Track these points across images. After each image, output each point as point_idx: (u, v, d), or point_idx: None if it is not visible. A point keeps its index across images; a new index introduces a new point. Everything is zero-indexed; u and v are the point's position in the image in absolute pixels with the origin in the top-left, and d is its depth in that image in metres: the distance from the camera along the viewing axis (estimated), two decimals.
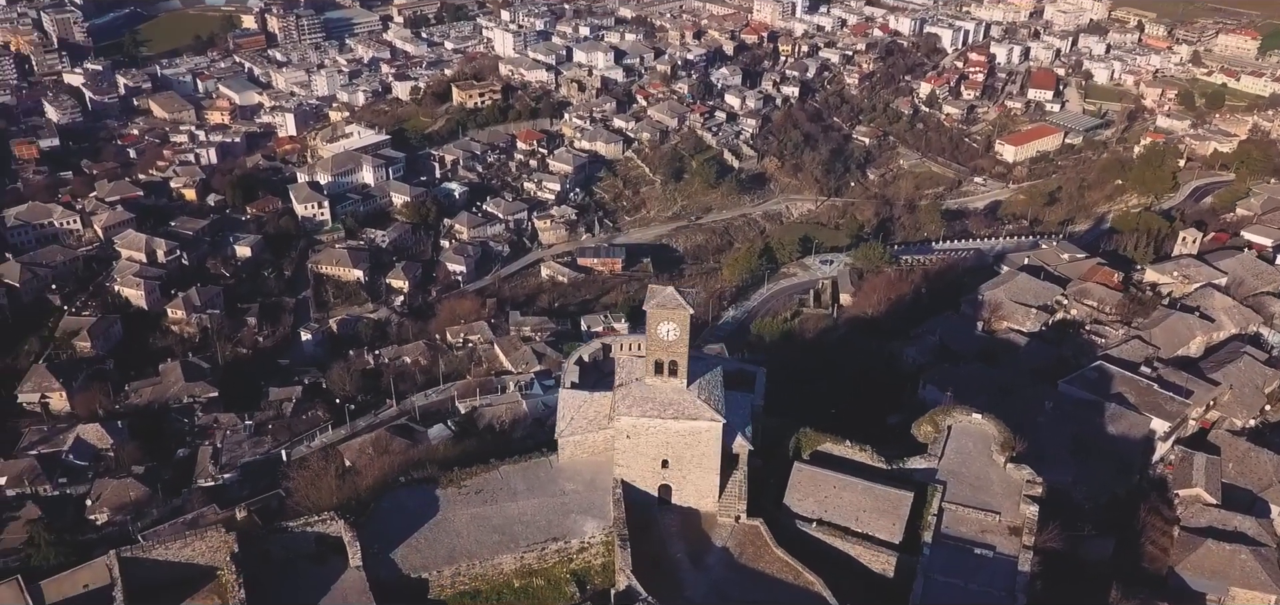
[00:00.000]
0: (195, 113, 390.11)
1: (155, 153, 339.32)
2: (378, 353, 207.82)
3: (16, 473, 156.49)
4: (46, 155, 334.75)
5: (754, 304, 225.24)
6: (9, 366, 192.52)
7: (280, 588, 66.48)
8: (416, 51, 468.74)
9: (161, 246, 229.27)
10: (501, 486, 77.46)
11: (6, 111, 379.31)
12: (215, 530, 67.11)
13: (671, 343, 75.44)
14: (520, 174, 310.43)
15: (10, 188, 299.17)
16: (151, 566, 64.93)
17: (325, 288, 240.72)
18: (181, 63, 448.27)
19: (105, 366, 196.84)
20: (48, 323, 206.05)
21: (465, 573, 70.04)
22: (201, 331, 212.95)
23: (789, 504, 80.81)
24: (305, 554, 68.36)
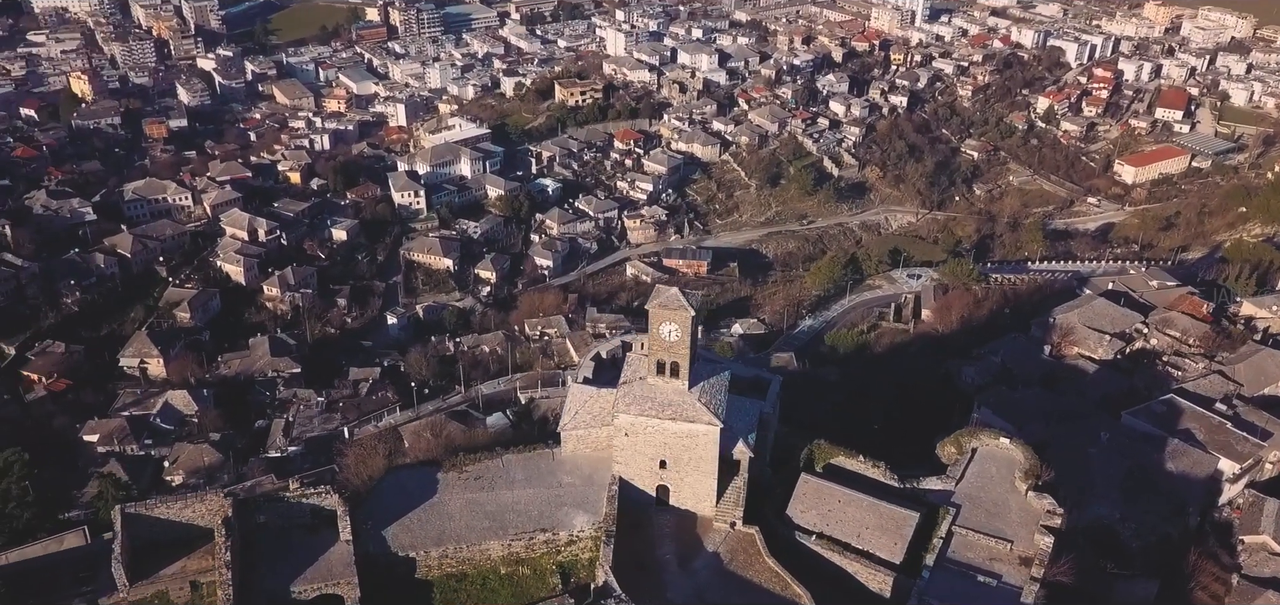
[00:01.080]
0: (314, 100, 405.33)
1: (273, 137, 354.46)
2: (458, 340, 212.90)
3: (108, 431, 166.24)
4: (174, 135, 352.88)
5: (833, 314, 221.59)
6: (115, 332, 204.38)
7: (272, 554, 69.03)
8: (530, 48, 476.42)
9: (263, 226, 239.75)
10: (501, 474, 78.57)
11: (143, 92, 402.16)
12: (214, 494, 70.25)
13: (673, 343, 75.22)
14: (614, 173, 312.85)
15: (139, 164, 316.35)
16: (153, 524, 68.38)
17: (415, 274, 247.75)
18: (306, 52, 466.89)
19: (201, 337, 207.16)
20: (154, 292, 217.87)
21: (453, 556, 71.38)
22: (293, 309, 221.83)
23: (791, 515, 79.57)
24: (300, 524, 70.77)
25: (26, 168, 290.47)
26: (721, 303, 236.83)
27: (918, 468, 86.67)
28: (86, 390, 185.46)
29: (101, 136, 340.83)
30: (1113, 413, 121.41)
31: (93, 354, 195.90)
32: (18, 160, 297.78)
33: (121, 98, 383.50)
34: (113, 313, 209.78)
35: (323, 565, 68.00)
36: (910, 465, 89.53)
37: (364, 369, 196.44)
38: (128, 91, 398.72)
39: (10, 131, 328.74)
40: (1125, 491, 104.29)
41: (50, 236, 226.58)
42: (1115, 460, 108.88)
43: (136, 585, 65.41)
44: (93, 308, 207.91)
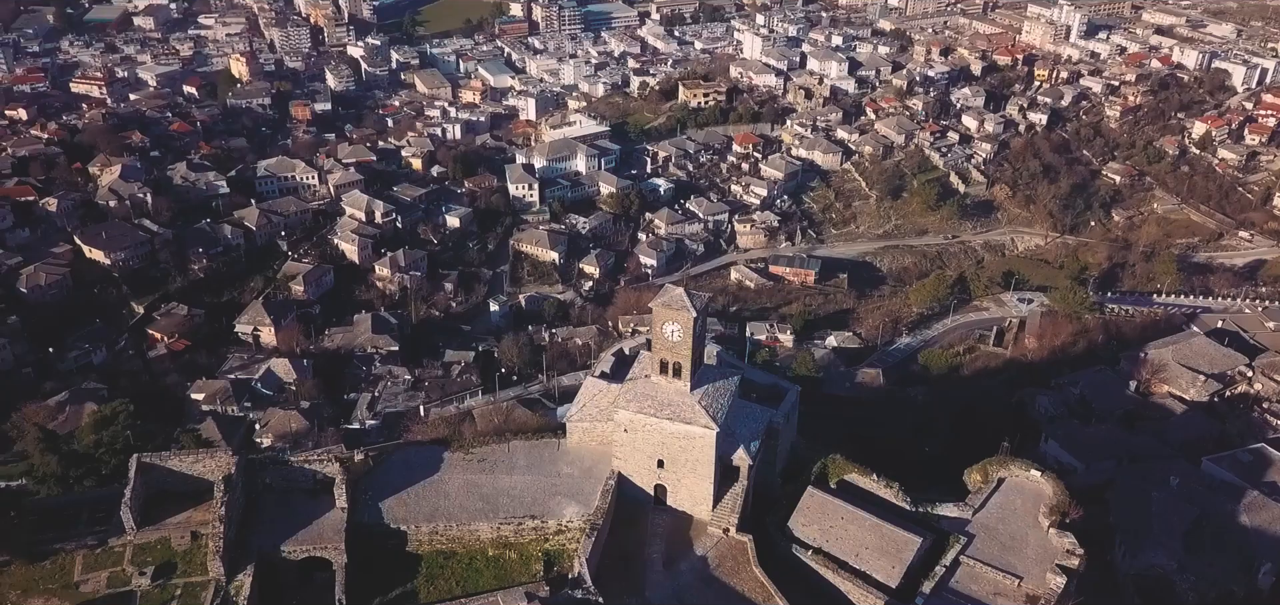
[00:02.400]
0: (451, 90, 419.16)
1: (408, 124, 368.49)
2: (553, 331, 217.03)
3: (212, 392, 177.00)
4: (317, 117, 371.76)
5: (934, 333, 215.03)
6: (234, 299, 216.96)
7: (272, 514, 72.41)
8: (665, 49, 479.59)
9: (380, 208, 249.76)
10: (504, 459, 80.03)
11: (294, 76, 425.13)
12: (223, 452, 74.24)
13: (676, 343, 75.22)
14: (730, 176, 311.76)
15: (281, 143, 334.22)
16: (167, 474, 72.78)
17: (522, 265, 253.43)
18: (448, 43, 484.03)
19: (312, 310, 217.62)
20: (273, 265, 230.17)
21: (443, 533, 73.20)
22: (401, 290, 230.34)
23: (793, 527, 78.17)
24: (304, 488, 73.98)
25: (179, 141, 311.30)
26: (820, 313, 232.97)
27: (934, 492, 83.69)
28: (201, 352, 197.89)
29: (251, 115, 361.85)
30: (1192, 458, 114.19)
31: (212, 318, 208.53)
32: (173, 134, 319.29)
33: (274, 80, 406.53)
34: (234, 281, 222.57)
35: (315, 529, 70.93)
36: (940, 490, 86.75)
37: (459, 352, 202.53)
38: (281, 75, 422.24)
39: (171, 106, 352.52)
40: (1189, 542, 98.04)
41: (186, 206, 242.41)
42: (1182, 507, 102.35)
43: (143, 530, 69.81)
44: (217, 275, 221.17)
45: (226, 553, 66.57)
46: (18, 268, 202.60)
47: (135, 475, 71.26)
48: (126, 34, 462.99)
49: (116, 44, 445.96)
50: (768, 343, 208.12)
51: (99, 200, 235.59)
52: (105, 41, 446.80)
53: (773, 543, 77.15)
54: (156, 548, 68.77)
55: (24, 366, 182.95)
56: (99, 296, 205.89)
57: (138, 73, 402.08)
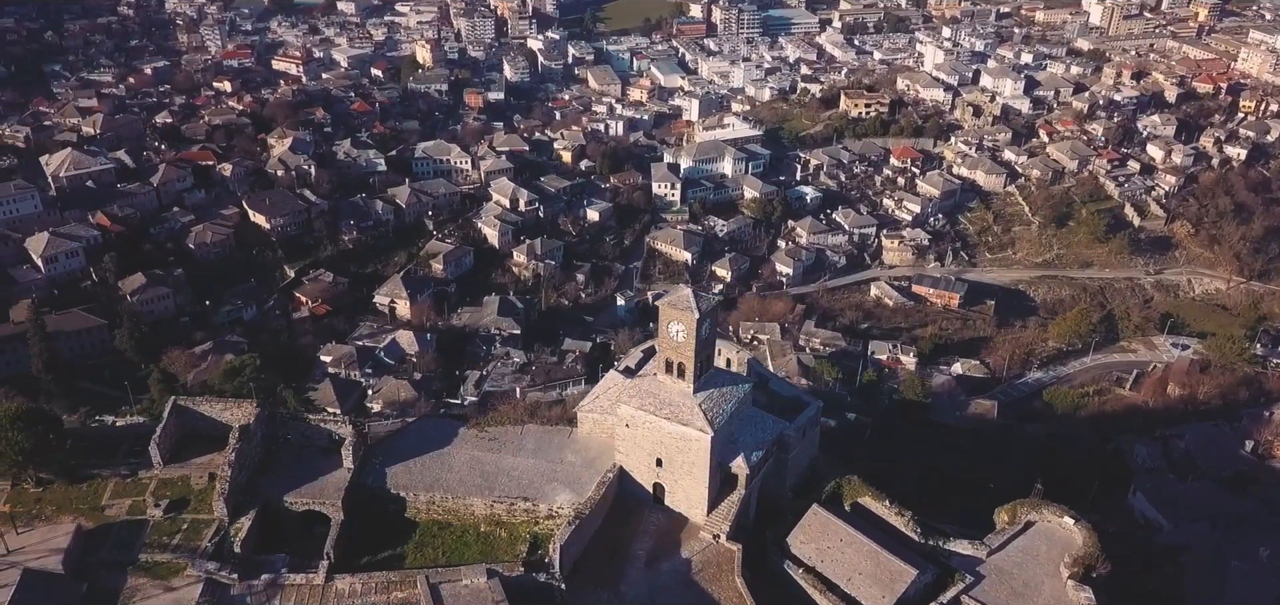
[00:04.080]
0: (620, 87, 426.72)
1: (574, 118, 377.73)
2: None
3: (339, 356, 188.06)
4: (489, 106, 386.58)
5: (1069, 371, 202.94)
6: (377, 272, 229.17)
7: (286, 467, 77.18)
8: (842, 57, 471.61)
9: (524, 197, 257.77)
10: (513, 441, 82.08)
11: (474, 65, 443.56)
12: (249, 403, 79.59)
13: (680, 344, 75.21)
14: (883, 189, 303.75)
15: (451, 129, 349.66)
16: (198, 418, 78.81)
17: (655, 263, 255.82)
18: (624, 41, 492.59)
19: (448, 289, 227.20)
20: (418, 242, 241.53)
21: (439, 504, 76.01)
22: (534, 277, 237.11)
23: (790, 543, 76.64)
24: (319, 446, 78.41)
25: (357, 120, 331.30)
26: (954, 339, 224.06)
27: (951, 527, 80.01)
28: (340, 318, 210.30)
29: (428, 100, 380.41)
30: None
31: (354, 287, 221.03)
32: (353, 113, 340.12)
33: (454, 68, 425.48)
34: (380, 254, 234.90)
35: (319, 485, 75.10)
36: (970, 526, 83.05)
37: (577, 342, 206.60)
38: (461, 63, 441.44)
39: (355, 87, 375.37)
40: None
41: (346, 180, 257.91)
42: (1266, 583, 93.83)
43: (169, 466, 75.95)
44: (364, 247, 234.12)
45: (232, 496, 71.45)
46: (190, 225, 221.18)
47: (169, 416, 77.59)
48: (329, 17, 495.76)
49: (319, 26, 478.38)
50: (888, 363, 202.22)
51: (269, 169, 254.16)
52: (309, 23, 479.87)
53: (765, 555, 75.98)
54: (177, 484, 74.63)
55: (183, 315, 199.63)
56: (256, 258, 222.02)
57: (332, 54, 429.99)
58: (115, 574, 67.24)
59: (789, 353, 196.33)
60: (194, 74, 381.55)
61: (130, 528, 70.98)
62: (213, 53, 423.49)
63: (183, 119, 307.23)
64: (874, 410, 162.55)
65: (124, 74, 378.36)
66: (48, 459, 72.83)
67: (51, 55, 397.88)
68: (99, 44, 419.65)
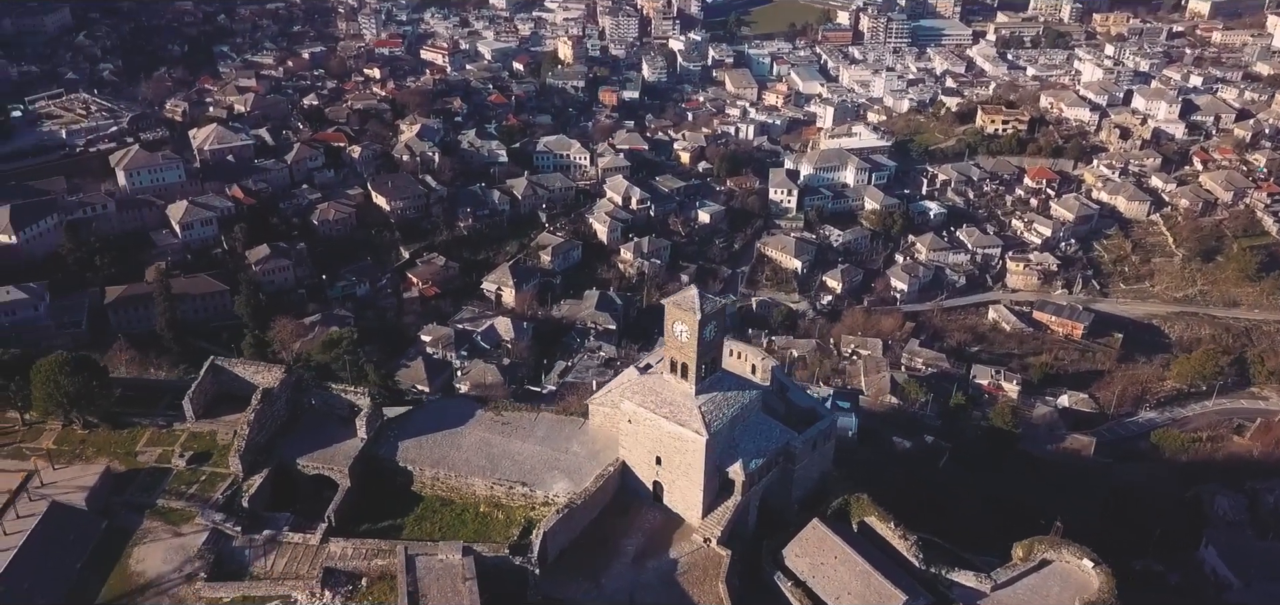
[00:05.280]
0: (756, 91, 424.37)
1: (705, 120, 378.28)
2: (773, 339, 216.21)
3: (437, 336, 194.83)
4: (623, 104, 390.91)
5: (1187, 413, 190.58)
6: (487, 259, 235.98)
7: (306, 431, 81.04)
8: (993, 71, 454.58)
9: (637, 195, 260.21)
10: (524, 427, 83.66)
11: (614, 63, 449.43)
12: (278, 368, 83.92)
13: (684, 344, 75.19)
14: (1014, 209, 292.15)
15: (582, 125, 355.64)
16: (234, 378, 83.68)
17: (763, 269, 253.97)
18: (766, 45, 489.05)
19: (553, 280, 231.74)
20: (530, 233, 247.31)
21: (443, 481, 78.38)
22: (639, 275, 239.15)
23: (785, 554, 75.52)
24: (339, 415, 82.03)
25: (492, 111, 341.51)
26: (1066, 371, 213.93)
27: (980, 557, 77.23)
28: (448, 300, 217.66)
29: (563, 96, 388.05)
30: None
31: (464, 272, 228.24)
32: (489, 104, 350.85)
33: (593, 65, 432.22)
34: (492, 242, 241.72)
35: (332, 452, 78.58)
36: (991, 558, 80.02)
37: None
38: (602, 60, 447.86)
39: (494, 79, 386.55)
40: None
41: (467, 169, 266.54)
42: None
43: (200, 421, 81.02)
44: (478, 235, 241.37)
45: (248, 453, 75.68)
46: (316, 203, 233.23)
47: (205, 374, 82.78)
48: (479, 10, 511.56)
49: (469, 18, 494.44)
50: (988, 389, 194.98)
51: (396, 154, 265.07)
52: (460, 16, 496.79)
53: (757, 565, 75.15)
54: (204, 437, 79.55)
55: (300, 287, 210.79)
56: (375, 238, 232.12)
57: (478, 46, 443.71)
58: (133, 515, 72.30)
59: (883, 370, 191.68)
60: (346, 60, 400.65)
61: (155, 474, 76.09)
62: (367, 40, 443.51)
63: (328, 102, 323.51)
64: (959, 435, 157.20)
65: (284, 57, 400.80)
66: (90, 404, 78.87)
67: (221, 37, 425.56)
68: (265, 28, 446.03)
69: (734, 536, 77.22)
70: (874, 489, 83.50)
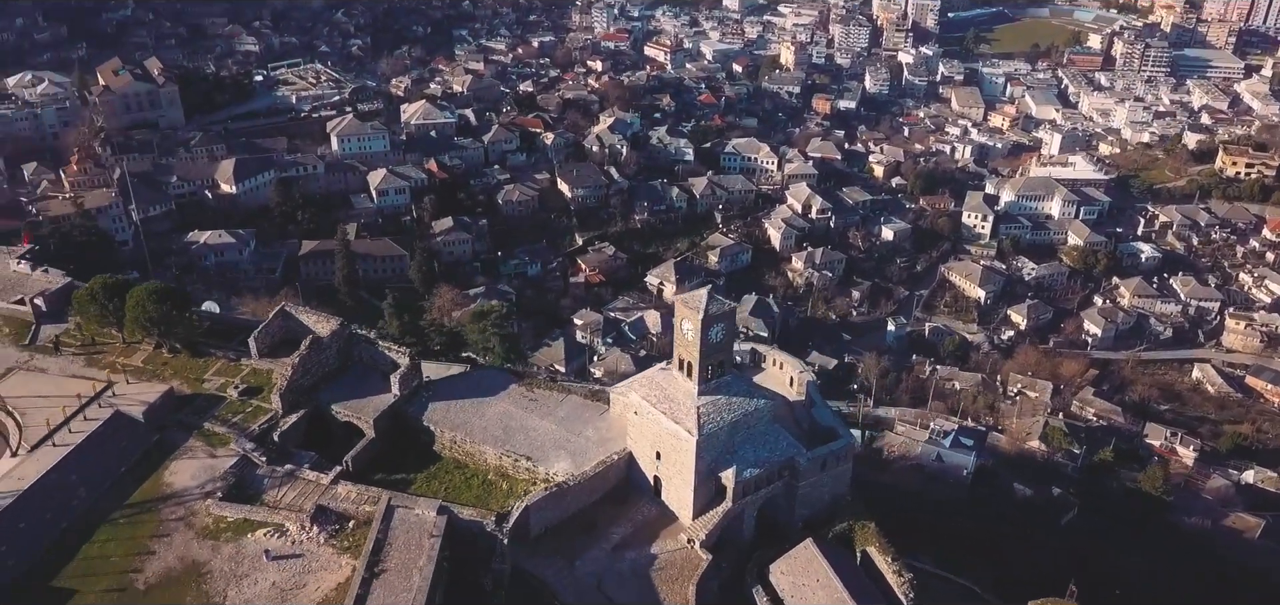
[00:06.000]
0: (983, 111, 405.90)
1: (920, 136, 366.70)
2: (937, 367, 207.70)
3: (588, 322, 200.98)
4: (836, 114, 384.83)
5: None
6: (656, 253, 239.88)
7: (349, 381, 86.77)
8: (1263, 110, 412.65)
9: (818, 204, 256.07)
10: (548, 406, 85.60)
11: (836, 71, 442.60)
12: (335, 320, 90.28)
13: (689, 342, 75.10)
14: (1244, 262, 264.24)
15: (790, 131, 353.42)
16: (299, 325, 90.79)
17: (943, 294, 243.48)
18: (1002, 65, 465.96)
19: (717, 281, 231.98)
20: (703, 232, 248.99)
21: (459, 445, 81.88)
22: (807, 285, 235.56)
23: (771, 569, 73.84)
24: (382, 369, 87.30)
25: (700, 111, 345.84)
26: (1269, 445, 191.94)
27: None
28: (609, 289, 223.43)
29: (775, 101, 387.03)
30: None
31: (631, 264, 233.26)
32: (698, 104, 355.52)
33: (814, 72, 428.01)
34: (664, 238, 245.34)
35: (364, 403, 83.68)
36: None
37: (825, 357, 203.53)
38: (823, 68, 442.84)
39: (709, 79, 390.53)
40: None
41: (652, 164, 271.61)
42: None
43: (263, 359, 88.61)
44: (651, 229, 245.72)
45: (288, 393, 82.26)
46: (504, 183, 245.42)
47: (274, 317, 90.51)
48: (710, 11, 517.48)
49: (698, 18, 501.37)
50: (1160, 451, 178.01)
51: (587, 144, 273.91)
52: (690, 15, 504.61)
53: (741, 575, 73.98)
54: (261, 374, 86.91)
55: (476, 260, 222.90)
56: (552, 223, 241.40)
57: (700, 45, 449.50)
58: (181, 433, 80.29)
59: (1040, 414, 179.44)
60: (572, 51, 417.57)
61: (211, 400, 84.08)
62: (596, 34, 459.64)
63: (542, 90, 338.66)
64: (1098, 493, 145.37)
65: (515, 44, 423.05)
66: (171, 330, 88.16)
67: (462, 22, 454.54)
68: (503, 16, 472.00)
69: (728, 544, 76.43)
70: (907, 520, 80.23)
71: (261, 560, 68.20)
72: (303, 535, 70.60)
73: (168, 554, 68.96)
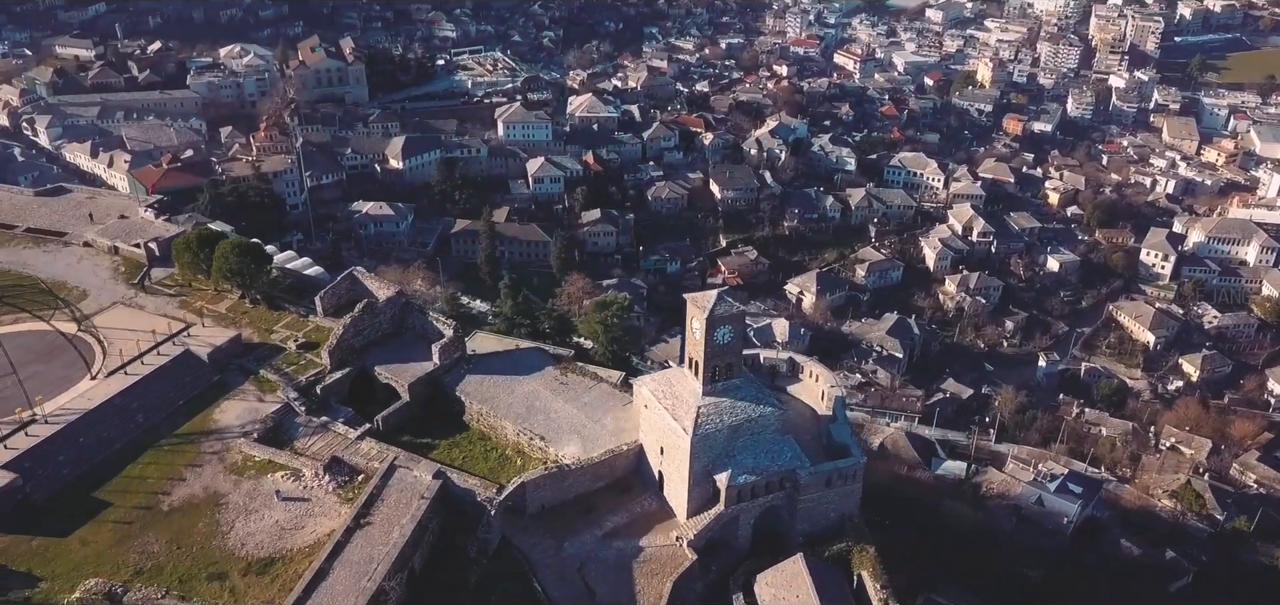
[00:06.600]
0: (1196, 145, 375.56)
1: (1119, 165, 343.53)
2: (1084, 408, 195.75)
3: None
4: (1028, 135, 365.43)
5: None
6: (801, 262, 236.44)
7: (400, 344, 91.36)
8: None
9: (980, 225, 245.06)
10: (577, 391, 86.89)
11: (1037, 92, 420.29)
12: (398, 288, 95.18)
13: (698, 342, 75.09)
14: None
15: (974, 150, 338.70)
16: (364, 289, 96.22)
17: (1107, 335, 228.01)
18: (1228, 96, 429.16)
19: (861, 296, 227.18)
20: (854, 245, 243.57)
21: (483, 418, 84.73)
22: (957, 309, 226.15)
23: (757, 579, 72.77)
24: (430, 338, 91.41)
25: (878, 122, 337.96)
26: None
27: None
28: (746, 293, 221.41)
29: (964, 118, 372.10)
30: None
31: (773, 270, 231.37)
32: (878, 116, 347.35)
33: (1010, 91, 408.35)
34: (812, 247, 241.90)
35: (408, 368, 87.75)
36: None
37: (959, 384, 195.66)
38: (1023, 87, 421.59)
39: (895, 91, 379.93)
40: None
41: (811, 172, 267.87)
42: None
43: (327, 317, 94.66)
44: (800, 236, 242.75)
45: (337, 351, 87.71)
46: (655, 179, 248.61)
47: (341, 279, 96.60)
48: (911, 22, 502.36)
49: (896, 28, 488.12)
50: None
51: (746, 146, 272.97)
52: (888, 24, 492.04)
53: (724, 581, 73.35)
54: (323, 332, 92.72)
55: (618, 252, 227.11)
56: (698, 222, 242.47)
57: (893, 56, 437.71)
58: (239, 376, 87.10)
59: (1182, 471, 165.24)
60: (759, 55, 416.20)
61: (273, 350, 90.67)
62: (787, 38, 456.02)
63: (719, 91, 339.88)
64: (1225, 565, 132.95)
65: (703, 44, 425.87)
66: (250, 282, 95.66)
67: (655, 20, 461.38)
68: (696, 16, 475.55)
69: (722, 548, 76.02)
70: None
71: (272, 499, 73.17)
72: (315, 482, 75.19)
73: (195, 483, 75.15)
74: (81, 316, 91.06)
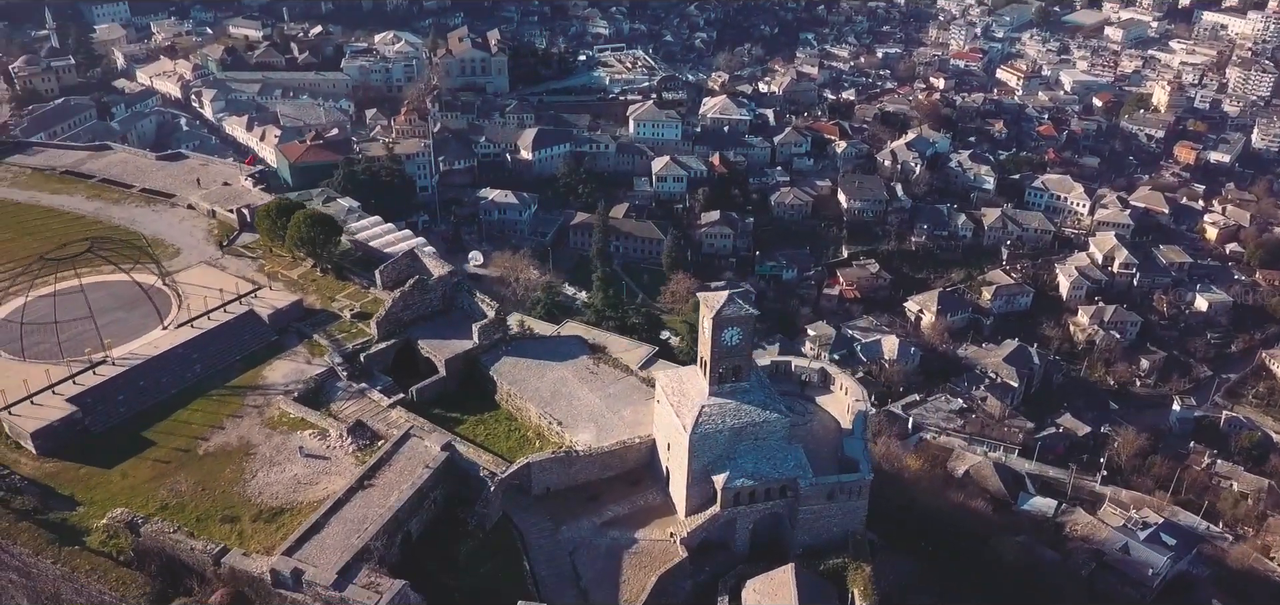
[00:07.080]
0: None
1: None
2: (1214, 459, 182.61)
3: (821, 335, 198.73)
4: (1202, 166, 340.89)
5: None
6: (925, 280, 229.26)
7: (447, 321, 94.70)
8: None
9: (1121, 257, 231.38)
10: (604, 381, 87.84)
11: (1218, 118, 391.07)
12: (447, 268, 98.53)
13: (707, 341, 75.06)
14: None
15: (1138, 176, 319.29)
16: (422, 266, 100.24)
17: (1256, 382, 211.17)
18: None
19: (984, 319, 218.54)
20: (983, 267, 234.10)
21: (511, 399, 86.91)
22: (1088, 343, 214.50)
23: (747, 586, 72.11)
24: (474, 318, 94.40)
25: (1033, 142, 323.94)
26: None
27: None
28: (860, 306, 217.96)
29: (1129, 142, 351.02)
30: None
31: (893, 285, 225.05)
32: (1034, 135, 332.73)
33: (1188, 117, 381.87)
34: (939, 265, 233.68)
35: (449, 344, 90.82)
36: None
37: (1076, 420, 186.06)
38: (1204, 115, 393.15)
39: (1057, 111, 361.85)
40: None
41: (946, 188, 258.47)
42: None
43: (385, 290, 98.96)
44: (926, 253, 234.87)
45: (385, 323, 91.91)
46: (781, 184, 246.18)
47: (402, 257, 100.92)
48: (1085, 40, 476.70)
49: (1068, 46, 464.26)
50: None
51: (879, 157, 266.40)
52: (1059, 40, 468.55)
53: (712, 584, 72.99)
54: (379, 303, 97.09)
55: (733, 255, 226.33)
56: (821, 231, 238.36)
57: (1060, 74, 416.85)
58: (295, 338, 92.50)
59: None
60: (917, 65, 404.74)
61: (330, 317, 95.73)
62: (950, 51, 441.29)
63: (866, 100, 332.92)
64: None
65: (859, 52, 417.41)
66: (318, 252, 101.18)
67: (813, 25, 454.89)
68: (856, 23, 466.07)
69: (719, 551, 75.81)
70: None
71: (296, 455, 77.57)
72: (337, 443, 79.13)
73: (232, 432, 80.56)
74: (166, 272, 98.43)
